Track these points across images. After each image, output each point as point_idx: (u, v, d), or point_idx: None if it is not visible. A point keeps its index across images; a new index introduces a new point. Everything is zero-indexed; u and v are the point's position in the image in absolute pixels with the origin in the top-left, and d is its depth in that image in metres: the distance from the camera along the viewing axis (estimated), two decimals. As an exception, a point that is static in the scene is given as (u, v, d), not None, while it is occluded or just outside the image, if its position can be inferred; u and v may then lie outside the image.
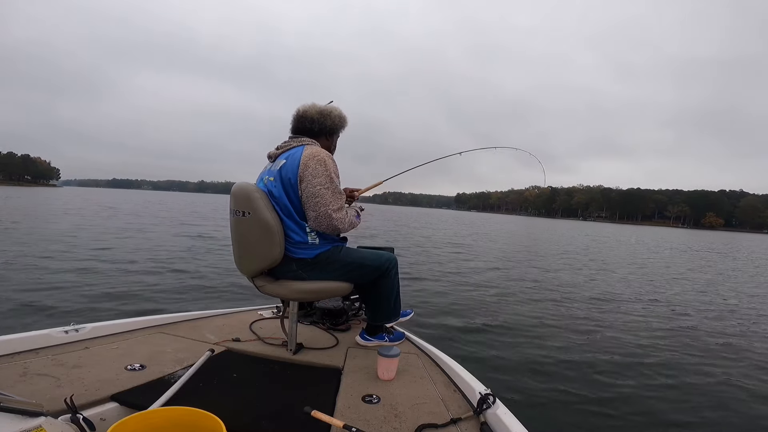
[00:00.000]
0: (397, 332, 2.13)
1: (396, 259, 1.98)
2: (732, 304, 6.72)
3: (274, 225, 1.66)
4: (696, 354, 3.91)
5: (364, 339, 2.01)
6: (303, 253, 1.74)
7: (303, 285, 1.76)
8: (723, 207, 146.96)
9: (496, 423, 1.28)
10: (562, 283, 7.58)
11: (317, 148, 1.73)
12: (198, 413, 1.02)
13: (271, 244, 1.67)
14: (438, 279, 7.16)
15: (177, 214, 21.44)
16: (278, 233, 1.67)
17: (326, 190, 1.65)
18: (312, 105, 1.86)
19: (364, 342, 2.00)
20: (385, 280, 1.91)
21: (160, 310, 4.10)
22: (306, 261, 1.75)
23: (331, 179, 1.68)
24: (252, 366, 1.70)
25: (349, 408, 1.37)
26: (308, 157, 1.67)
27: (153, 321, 2.07)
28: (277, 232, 1.67)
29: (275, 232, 1.66)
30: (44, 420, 0.96)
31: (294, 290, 1.76)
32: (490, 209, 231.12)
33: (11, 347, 1.54)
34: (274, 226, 1.66)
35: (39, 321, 3.53)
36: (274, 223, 1.66)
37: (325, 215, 1.66)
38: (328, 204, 1.66)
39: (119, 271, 5.97)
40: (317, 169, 1.65)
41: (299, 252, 1.73)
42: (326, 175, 1.66)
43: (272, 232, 1.66)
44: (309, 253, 1.74)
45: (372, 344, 1.98)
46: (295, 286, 1.76)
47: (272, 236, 1.66)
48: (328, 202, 1.66)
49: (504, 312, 5.08)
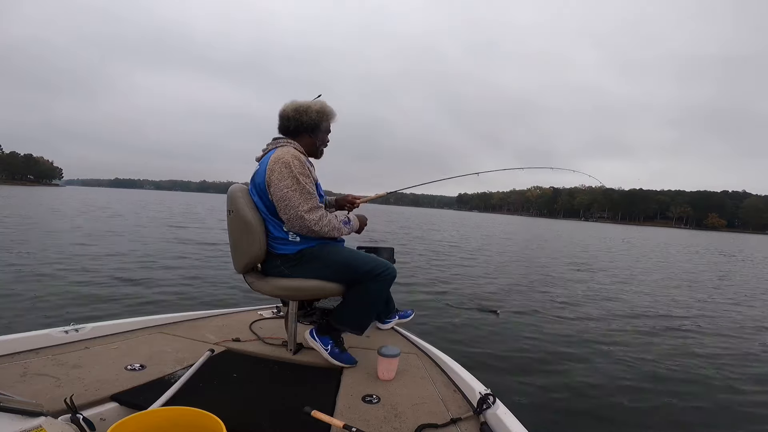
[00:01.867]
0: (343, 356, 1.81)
1: (392, 267, 1.80)
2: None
3: (254, 222, 1.71)
4: (697, 354, 3.90)
5: (311, 337, 1.79)
6: (285, 249, 1.74)
7: (285, 282, 1.75)
8: (726, 208, 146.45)
9: (496, 423, 1.28)
10: (563, 284, 7.57)
11: (285, 150, 1.70)
12: (198, 413, 1.02)
13: (251, 240, 1.71)
14: (438, 279, 7.15)
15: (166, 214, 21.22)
16: (258, 230, 1.71)
17: (293, 192, 1.63)
18: (291, 102, 1.84)
19: (309, 340, 1.79)
20: (372, 284, 1.75)
21: (160, 310, 4.11)
22: (288, 257, 1.75)
23: (297, 180, 1.64)
24: (252, 366, 1.70)
25: (349, 408, 1.37)
26: (274, 161, 1.67)
27: (153, 321, 2.08)
28: (257, 229, 1.71)
29: (254, 228, 1.70)
30: (44, 420, 0.96)
31: (276, 287, 1.75)
32: (492, 210, 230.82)
33: (11, 347, 1.55)
34: (253, 223, 1.70)
35: (39, 321, 3.53)
36: (254, 220, 1.71)
37: (296, 217, 1.65)
38: (297, 206, 1.64)
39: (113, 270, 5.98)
40: (282, 172, 1.64)
41: (281, 248, 1.75)
42: (291, 177, 1.63)
43: (251, 229, 1.70)
44: (290, 249, 1.74)
45: (315, 345, 1.77)
46: (278, 283, 1.75)
47: (251, 233, 1.70)
48: (297, 203, 1.64)
49: (504, 312, 5.07)
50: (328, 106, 1.88)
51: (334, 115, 1.90)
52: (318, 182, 1.86)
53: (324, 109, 1.85)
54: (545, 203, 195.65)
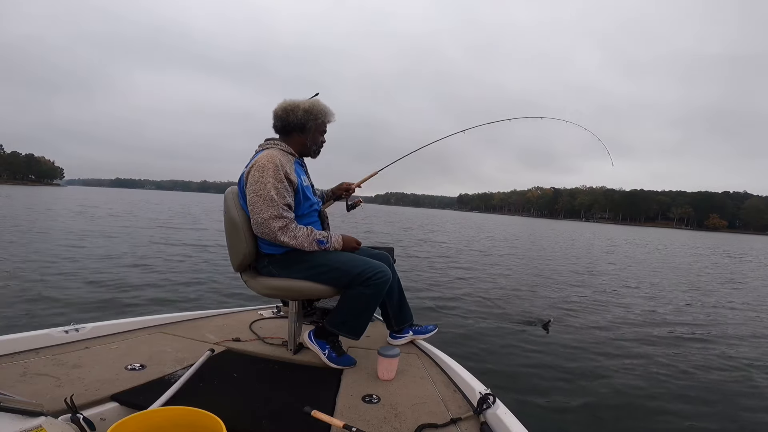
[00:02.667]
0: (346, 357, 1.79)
1: (384, 271, 1.71)
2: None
3: (239, 222, 1.74)
4: (700, 355, 3.89)
5: (309, 339, 1.78)
6: (271, 249, 1.76)
7: (274, 281, 1.76)
8: (727, 209, 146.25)
9: (496, 423, 1.28)
10: (563, 284, 7.57)
11: (266, 153, 1.69)
12: (198, 413, 1.02)
13: (239, 239, 1.76)
14: (437, 279, 7.15)
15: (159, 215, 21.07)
16: (243, 230, 1.74)
17: (258, 198, 1.63)
18: (283, 101, 1.83)
19: (307, 342, 1.78)
20: (362, 289, 1.68)
21: (160, 310, 4.11)
22: (275, 257, 1.76)
23: (264, 185, 1.62)
24: (252, 366, 1.70)
25: (349, 408, 1.37)
26: (252, 165, 1.68)
27: (153, 321, 2.08)
28: (243, 229, 1.74)
29: (240, 228, 1.74)
30: (44, 420, 0.96)
31: (265, 286, 1.77)
32: (492, 210, 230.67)
33: (11, 347, 1.55)
34: (239, 223, 1.75)
35: (39, 321, 3.54)
36: (240, 220, 1.75)
37: (257, 223, 1.64)
38: (258, 212, 1.63)
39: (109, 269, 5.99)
40: (254, 176, 1.65)
41: (267, 248, 1.76)
42: (261, 182, 1.62)
43: (238, 229, 1.75)
44: (277, 249, 1.75)
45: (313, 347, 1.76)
46: (268, 282, 1.77)
47: (239, 232, 1.75)
48: (259, 209, 1.63)
49: (504, 312, 5.07)
50: (321, 105, 1.84)
51: (328, 114, 1.86)
52: (307, 185, 1.83)
53: (312, 109, 1.80)
54: (546, 204, 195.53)
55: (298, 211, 1.77)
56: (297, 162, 1.83)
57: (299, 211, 1.77)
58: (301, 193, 1.76)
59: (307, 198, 1.80)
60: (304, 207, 1.79)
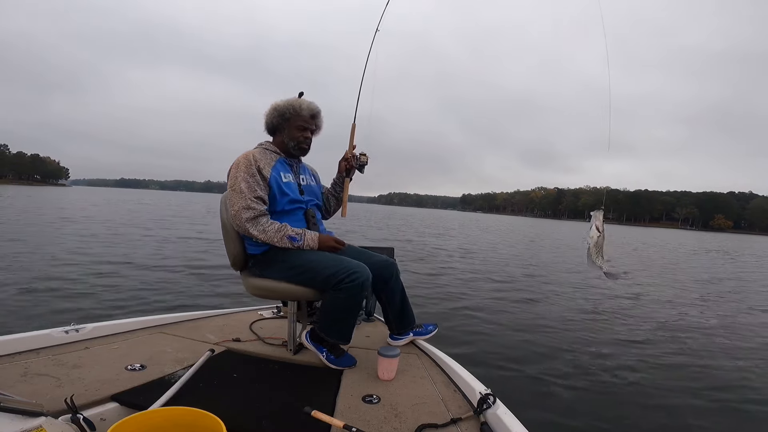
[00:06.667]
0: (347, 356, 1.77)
1: (359, 273, 1.61)
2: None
3: (227, 222, 1.82)
4: (702, 354, 3.87)
5: (306, 340, 1.78)
6: (253, 249, 1.80)
7: (258, 282, 1.78)
8: (732, 209, 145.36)
9: (496, 423, 1.27)
10: (565, 284, 7.54)
11: (244, 152, 1.79)
12: (198, 413, 1.02)
13: (228, 239, 1.84)
14: (438, 280, 7.14)
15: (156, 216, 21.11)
16: (229, 229, 1.81)
17: (232, 192, 1.71)
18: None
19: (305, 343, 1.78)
20: (331, 293, 1.64)
21: (160, 310, 4.12)
22: (257, 257, 1.80)
23: (236, 179, 1.70)
24: (252, 366, 1.70)
25: (349, 408, 1.37)
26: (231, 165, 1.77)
27: (153, 321, 2.09)
28: (229, 229, 1.81)
29: (228, 228, 1.82)
30: (44, 420, 0.96)
31: (251, 286, 1.81)
32: (496, 210, 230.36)
33: (11, 347, 1.55)
34: (226, 223, 1.83)
35: (39, 321, 3.55)
36: (227, 220, 1.81)
37: (231, 216, 1.72)
38: (232, 205, 1.71)
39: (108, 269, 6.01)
40: (230, 173, 1.75)
41: (250, 248, 1.81)
42: (234, 177, 1.71)
43: (226, 229, 1.84)
44: (257, 249, 1.79)
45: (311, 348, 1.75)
46: (253, 282, 1.80)
47: (227, 231, 1.84)
48: (233, 203, 1.70)
49: (505, 312, 5.06)
50: (294, 102, 1.84)
51: (299, 110, 1.82)
52: (288, 182, 1.80)
53: (280, 107, 1.83)
54: (549, 204, 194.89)
55: (275, 207, 1.77)
56: (282, 160, 1.85)
57: (277, 206, 1.77)
58: (276, 188, 1.76)
59: (285, 194, 1.78)
60: (282, 203, 1.78)
